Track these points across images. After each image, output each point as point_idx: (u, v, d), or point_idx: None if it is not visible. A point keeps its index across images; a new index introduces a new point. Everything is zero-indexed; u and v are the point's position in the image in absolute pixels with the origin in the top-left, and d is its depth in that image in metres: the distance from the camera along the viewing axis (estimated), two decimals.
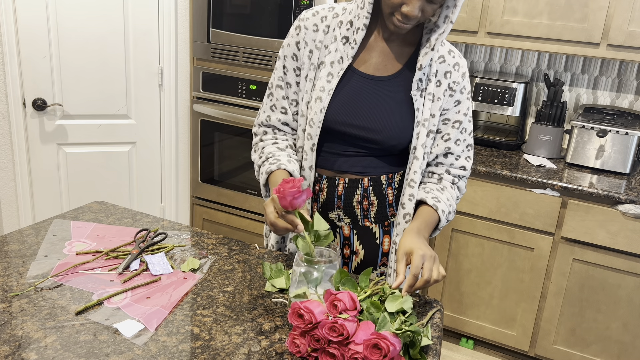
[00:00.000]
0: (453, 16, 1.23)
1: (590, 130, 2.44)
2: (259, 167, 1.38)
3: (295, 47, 1.35)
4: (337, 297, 0.99)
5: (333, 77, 1.31)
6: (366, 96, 1.32)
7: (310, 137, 1.33)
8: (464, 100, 1.36)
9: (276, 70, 1.39)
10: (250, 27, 2.73)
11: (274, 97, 1.40)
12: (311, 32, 1.33)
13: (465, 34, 2.57)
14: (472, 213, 2.48)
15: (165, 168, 3.02)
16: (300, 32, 1.34)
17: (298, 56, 1.35)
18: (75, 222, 1.48)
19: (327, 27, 1.33)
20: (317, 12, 1.34)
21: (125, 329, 1.04)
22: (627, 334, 2.32)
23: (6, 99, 2.58)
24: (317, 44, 1.33)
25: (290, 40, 1.35)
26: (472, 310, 2.61)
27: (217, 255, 1.36)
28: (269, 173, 1.32)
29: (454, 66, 1.34)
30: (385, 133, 1.32)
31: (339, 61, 1.31)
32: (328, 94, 1.31)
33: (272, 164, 1.33)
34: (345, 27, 1.30)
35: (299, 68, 1.36)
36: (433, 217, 1.31)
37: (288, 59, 1.36)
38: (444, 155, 1.38)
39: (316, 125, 1.32)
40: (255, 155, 1.43)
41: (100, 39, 2.65)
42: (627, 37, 2.28)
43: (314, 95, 1.32)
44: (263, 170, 1.35)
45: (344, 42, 1.31)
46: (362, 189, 1.37)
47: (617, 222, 2.22)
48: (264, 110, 1.42)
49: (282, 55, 1.38)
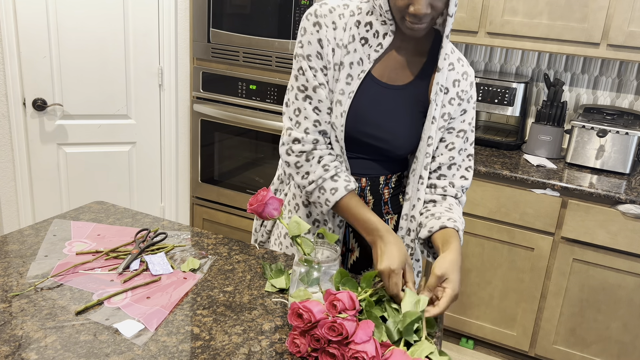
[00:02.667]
0: (450, 9, 1.21)
1: (590, 130, 2.44)
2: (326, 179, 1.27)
3: (318, 45, 1.25)
4: (336, 297, 0.99)
5: (353, 79, 1.26)
6: (381, 105, 1.29)
7: (337, 139, 1.29)
8: (469, 109, 1.35)
9: (304, 71, 1.26)
10: (250, 27, 2.73)
11: (314, 99, 1.26)
12: (331, 29, 1.25)
13: (465, 34, 2.57)
14: (472, 213, 2.48)
15: (165, 168, 3.02)
16: (321, 30, 1.24)
17: (322, 54, 1.25)
18: (75, 222, 1.48)
19: (345, 25, 1.26)
20: (333, 8, 1.27)
21: (125, 329, 1.04)
22: (627, 334, 2.32)
23: (6, 99, 2.58)
24: (337, 42, 1.26)
25: (311, 38, 1.25)
26: (472, 310, 2.61)
27: (217, 255, 1.36)
28: (349, 190, 1.27)
29: (463, 75, 1.32)
30: (394, 143, 1.30)
31: (359, 63, 1.26)
32: (348, 97, 1.26)
33: (350, 183, 1.27)
34: (365, 28, 1.25)
35: (325, 67, 1.26)
36: (457, 238, 1.25)
37: (313, 59, 1.25)
38: (447, 167, 1.35)
39: (339, 129, 1.27)
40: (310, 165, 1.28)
41: (100, 39, 2.66)
42: (627, 37, 2.28)
43: (335, 97, 1.27)
44: (340, 186, 1.26)
45: (362, 44, 1.26)
46: (359, 189, 1.36)
47: (617, 222, 2.22)
48: (305, 117, 1.27)
49: (304, 55, 1.25)
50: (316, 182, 1.27)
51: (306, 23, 1.26)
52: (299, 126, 1.28)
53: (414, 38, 1.28)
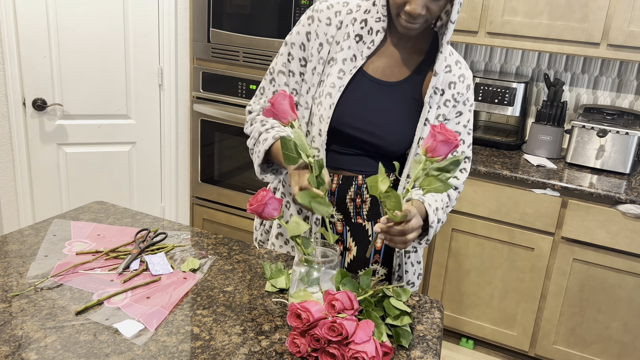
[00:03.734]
0: (452, 16, 1.23)
1: (590, 130, 2.44)
2: (261, 133, 1.32)
3: (305, 37, 1.32)
4: (335, 297, 0.99)
5: (345, 74, 1.30)
6: (372, 100, 1.31)
7: (320, 132, 1.32)
8: (465, 112, 1.36)
9: (280, 55, 1.36)
10: (250, 27, 2.73)
11: (276, 83, 1.37)
12: (324, 25, 1.31)
13: (465, 34, 2.57)
14: (472, 213, 2.48)
15: (165, 168, 3.02)
16: (312, 23, 1.32)
17: (306, 46, 1.33)
18: (75, 222, 1.48)
19: (340, 23, 1.31)
20: (331, 5, 1.32)
21: (125, 329, 1.04)
22: (627, 334, 2.32)
23: (6, 99, 2.58)
24: (328, 38, 1.31)
25: (301, 29, 1.33)
26: (472, 310, 2.61)
27: (217, 255, 1.36)
28: (277, 139, 1.28)
29: (459, 77, 1.34)
30: (387, 139, 1.32)
31: (352, 59, 1.30)
32: (338, 90, 1.30)
33: (282, 132, 1.29)
34: (360, 25, 1.29)
35: (305, 59, 1.34)
36: (421, 207, 1.27)
37: (295, 48, 1.34)
38: None
39: (325, 122, 1.31)
40: (253, 126, 1.37)
41: (100, 39, 2.66)
42: (627, 37, 2.28)
43: (324, 90, 1.31)
44: (269, 136, 1.29)
45: (357, 40, 1.30)
46: (355, 187, 1.37)
47: (617, 222, 2.22)
48: (266, 95, 1.39)
49: (289, 42, 1.35)
50: (253, 137, 1.34)
51: (303, 16, 1.35)
52: (255, 101, 1.41)
53: (412, 36, 1.30)
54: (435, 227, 1.30)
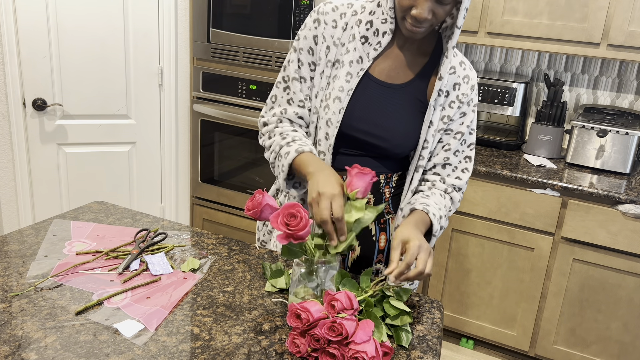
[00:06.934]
0: (458, 21, 1.22)
1: (590, 130, 2.44)
2: (282, 146, 1.28)
3: (312, 41, 1.31)
4: (334, 297, 0.99)
5: (352, 77, 1.29)
6: (378, 103, 1.31)
7: (327, 136, 1.31)
8: (469, 112, 1.36)
9: (291, 62, 1.33)
10: (250, 27, 2.73)
11: (291, 90, 1.34)
12: (330, 27, 1.30)
13: (465, 34, 2.57)
14: (472, 213, 2.48)
15: (165, 168, 3.02)
16: (319, 26, 1.30)
17: (314, 50, 1.31)
18: (75, 222, 1.48)
19: (345, 25, 1.30)
20: (336, 7, 1.31)
21: (125, 329, 1.04)
22: (627, 334, 2.32)
23: (6, 99, 2.58)
24: (334, 40, 1.30)
25: (308, 33, 1.31)
26: (472, 310, 2.61)
27: (217, 255, 1.36)
28: (300, 152, 1.24)
29: (464, 78, 1.34)
30: (392, 141, 1.32)
31: (358, 61, 1.29)
32: (347, 94, 1.29)
33: (304, 145, 1.25)
34: (365, 27, 1.28)
35: (314, 63, 1.32)
36: (425, 218, 1.29)
37: (304, 53, 1.32)
38: (442, 166, 1.37)
39: (334, 126, 1.30)
40: (273, 140, 1.33)
41: (100, 39, 2.65)
42: (627, 37, 2.28)
43: (332, 94, 1.29)
44: (292, 149, 1.25)
45: (362, 42, 1.29)
46: None
47: (617, 222, 2.22)
48: (279, 104, 1.35)
49: (297, 48, 1.33)
50: (274, 150, 1.31)
51: (308, 19, 1.33)
52: (270, 111, 1.37)
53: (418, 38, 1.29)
54: (437, 235, 1.31)
